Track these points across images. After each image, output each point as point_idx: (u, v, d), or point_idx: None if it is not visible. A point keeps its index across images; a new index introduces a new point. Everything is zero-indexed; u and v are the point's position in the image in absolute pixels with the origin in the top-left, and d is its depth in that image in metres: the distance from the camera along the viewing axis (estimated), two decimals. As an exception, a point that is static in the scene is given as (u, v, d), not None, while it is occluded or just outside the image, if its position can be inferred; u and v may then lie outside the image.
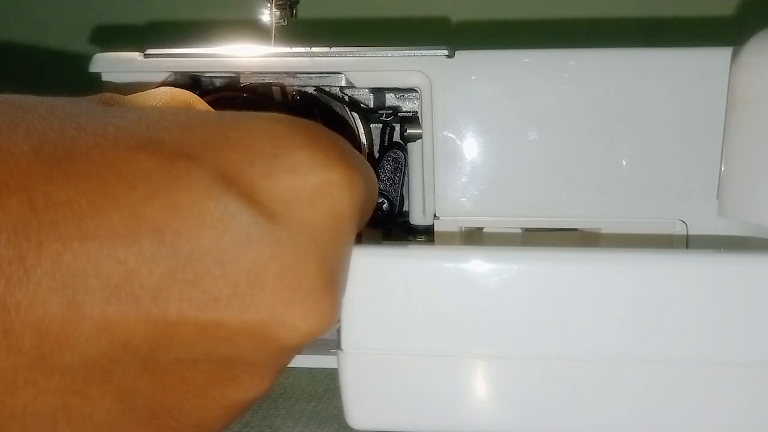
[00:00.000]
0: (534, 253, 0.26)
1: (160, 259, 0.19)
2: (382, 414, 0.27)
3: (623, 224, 0.35)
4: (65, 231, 0.18)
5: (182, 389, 0.21)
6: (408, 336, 0.26)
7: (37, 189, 0.18)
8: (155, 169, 0.19)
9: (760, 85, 0.31)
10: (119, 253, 0.18)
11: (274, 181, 0.20)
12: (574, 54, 0.34)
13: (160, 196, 0.19)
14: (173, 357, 0.20)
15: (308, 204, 0.21)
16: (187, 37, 0.37)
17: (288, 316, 0.20)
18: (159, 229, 0.19)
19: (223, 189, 0.19)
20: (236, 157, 0.20)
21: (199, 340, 0.20)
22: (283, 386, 0.35)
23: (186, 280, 0.19)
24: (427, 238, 0.37)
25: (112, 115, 0.21)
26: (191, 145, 0.20)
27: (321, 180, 0.21)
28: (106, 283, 0.18)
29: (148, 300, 0.19)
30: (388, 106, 0.37)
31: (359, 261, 0.26)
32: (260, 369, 0.21)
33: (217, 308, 0.19)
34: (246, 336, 0.20)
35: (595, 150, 0.34)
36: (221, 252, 0.19)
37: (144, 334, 0.19)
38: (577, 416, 0.26)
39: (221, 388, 0.21)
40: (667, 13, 0.58)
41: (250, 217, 0.20)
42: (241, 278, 0.19)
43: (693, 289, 0.25)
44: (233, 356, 0.20)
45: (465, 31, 0.60)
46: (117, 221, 0.18)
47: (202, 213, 0.19)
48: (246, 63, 0.35)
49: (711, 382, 0.25)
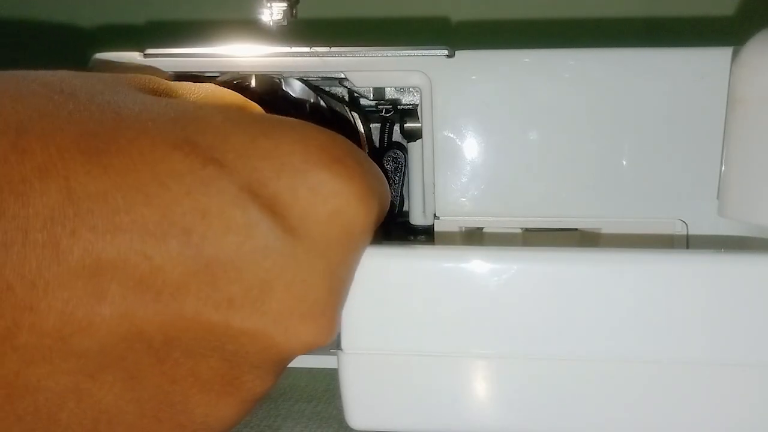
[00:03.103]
0: (534, 253, 0.26)
1: (185, 259, 0.20)
2: (382, 414, 0.27)
3: (623, 224, 0.34)
4: (98, 222, 0.19)
5: (189, 383, 0.21)
6: (408, 336, 0.26)
7: (77, 179, 0.19)
8: (188, 171, 0.20)
9: (760, 85, 0.31)
10: (147, 249, 0.19)
11: (297, 197, 0.21)
12: (575, 54, 0.34)
13: (191, 198, 0.20)
14: (184, 350, 0.21)
15: (325, 223, 0.22)
16: (187, 37, 0.37)
17: (291, 324, 0.21)
18: (186, 232, 0.20)
19: (249, 198, 0.21)
20: (265, 168, 0.21)
21: (209, 336, 0.21)
22: (283, 386, 0.35)
23: (205, 281, 0.20)
24: (427, 238, 0.37)
25: (151, 108, 0.22)
26: (224, 150, 0.21)
27: (340, 202, 0.22)
28: (132, 276, 0.19)
29: (167, 295, 0.20)
30: (388, 99, 0.37)
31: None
32: (262, 371, 0.22)
33: (230, 309, 0.20)
34: (252, 338, 0.21)
35: (595, 150, 0.34)
36: (240, 258, 0.20)
37: (160, 326, 0.20)
38: (577, 416, 0.26)
39: (225, 385, 0.22)
40: (667, 13, 0.58)
41: (271, 229, 0.21)
42: (255, 284, 0.21)
43: (693, 289, 0.25)
44: (239, 355, 0.21)
45: (465, 31, 0.60)
46: (148, 218, 0.19)
47: (228, 220, 0.20)
48: (246, 63, 0.35)
49: (711, 383, 0.25)
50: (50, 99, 0.20)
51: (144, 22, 0.64)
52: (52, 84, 0.21)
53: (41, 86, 0.21)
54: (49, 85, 0.21)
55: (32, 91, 0.20)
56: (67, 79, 0.22)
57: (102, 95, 0.22)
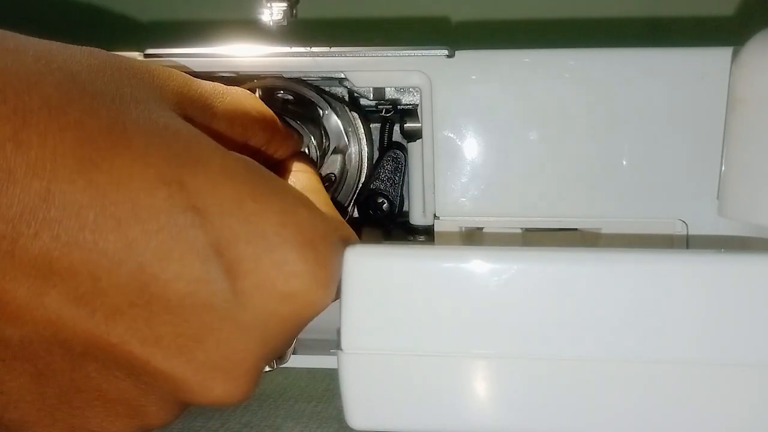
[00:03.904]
0: (534, 253, 0.26)
1: (129, 290, 0.20)
2: (382, 414, 0.27)
3: (623, 224, 0.34)
4: (62, 232, 0.19)
5: (93, 395, 0.22)
6: (408, 336, 0.26)
7: (59, 186, 0.19)
8: (166, 211, 0.20)
9: (760, 85, 0.31)
10: (98, 271, 0.20)
11: (259, 266, 0.22)
12: (575, 54, 0.34)
13: (158, 238, 0.20)
14: (99, 367, 0.21)
15: (278, 300, 0.22)
16: (187, 37, 0.37)
17: (210, 378, 0.22)
18: (141, 268, 0.20)
19: (212, 255, 0.21)
20: (239, 230, 0.22)
21: (127, 366, 0.21)
22: (283, 386, 0.35)
23: (141, 315, 0.21)
24: (427, 238, 0.37)
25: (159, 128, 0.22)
26: (208, 202, 0.21)
27: (300, 285, 0.22)
28: (74, 290, 0.20)
29: (101, 316, 0.20)
30: (388, 99, 0.37)
31: (359, 261, 0.26)
32: (168, 406, 0.23)
33: (156, 347, 0.21)
34: (168, 379, 0.22)
35: (596, 150, 0.34)
36: (182, 307, 0.21)
37: (84, 340, 0.21)
38: (577, 416, 0.26)
39: (126, 408, 0.23)
40: (667, 13, 0.58)
41: (222, 290, 0.21)
42: (187, 333, 0.21)
43: (693, 289, 0.25)
44: (151, 387, 0.22)
45: (465, 31, 0.60)
46: (110, 244, 0.20)
47: (183, 270, 0.21)
48: (246, 63, 0.35)
49: (711, 383, 0.25)
50: (67, 92, 0.20)
51: (144, 22, 0.64)
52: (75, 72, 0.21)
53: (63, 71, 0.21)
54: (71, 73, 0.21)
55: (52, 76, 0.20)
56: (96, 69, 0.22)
57: (122, 101, 0.22)
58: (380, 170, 0.37)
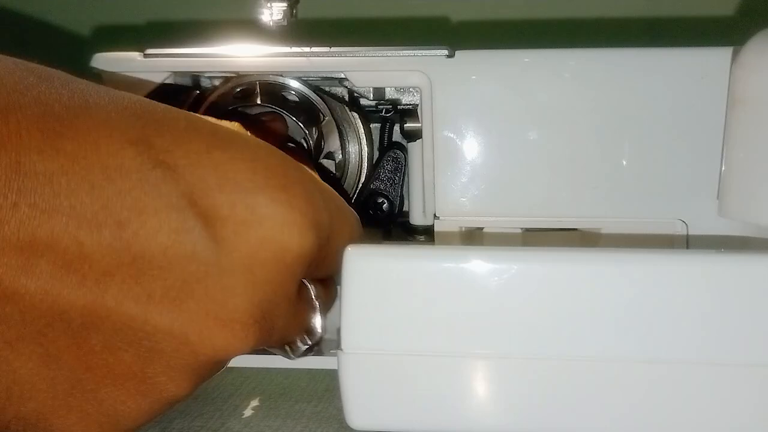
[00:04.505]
0: (534, 253, 0.26)
1: (113, 251, 0.21)
2: (382, 414, 0.27)
3: (623, 224, 0.34)
4: (39, 201, 0.20)
5: (102, 372, 0.22)
6: (408, 336, 0.26)
7: (28, 156, 0.20)
8: (136, 169, 0.21)
9: (760, 85, 0.31)
10: (80, 235, 0.20)
11: (234, 213, 0.23)
12: (575, 54, 0.34)
13: (132, 195, 0.21)
14: (101, 339, 0.22)
15: (257, 241, 0.23)
16: (187, 37, 0.37)
17: (206, 326, 0.22)
18: (121, 225, 0.21)
19: (188, 205, 0.22)
20: (210, 179, 0.22)
21: (126, 329, 0.22)
22: (283, 386, 0.35)
23: (129, 273, 0.21)
24: (427, 238, 0.37)
25: (120, 101, 0.23)
26: (177, 155, 0.22)
27: (274, 228, 0.23)
28: (61, 257, 0.20)
29: (92, 281, 0.21)
30: (388, 99, 0.37)
31: (359, 261, 0.26)
32: (176, 373, 0.23)
33: (149, 303, 0.21)
34: (166, 335, 0.22)
35: (595, 150, 0.34)
36: (167, 259, 0.21)
37: (81, 309, 0.21)
38: (577, 416, 0.26)
39: (138, 383, 0.23)
40: (667, 13, 0.58)
41: (201, 237, 0.22)
42: (176, 285, 0.22)
43: (693, 289, 0.25)
44: (153, 352, 0.22)
45: (465, 31, 0.60)
46: (87, 206, 0.20)
47: (162, 222, 0.21)
48: (246, 63, 0.35)
49: (711, 383, 0.25)
50: (23, 79, 0.21)
51: (144, 22, 0.64)
52: (30, 68, 0.22)
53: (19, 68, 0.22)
54: (27, 69, 0.22)
55: (8, 69, 0.21)
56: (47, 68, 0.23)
57: (77, 83, 0.22)
58: (380, 170, 0.37)
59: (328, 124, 0.36)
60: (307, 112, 0.36)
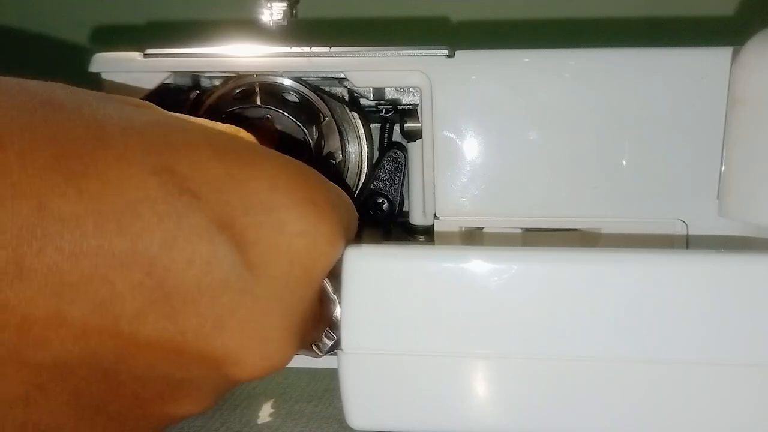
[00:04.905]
0: (534, 253, 0.26)
1: (145, 289, 0.20)
2: (382, 414, 0.27)
3: (623, 224, 0.34)
4: (66, 245, 0.19)
5: (130, 401, 0.22)
6: (408, 336, 0.26)
7: (51, 200, 0.19)
8: (162, 200, 0.20)
9: (760, 85, 0.31)
10: (111, 275, 0.19)
11: (263, 235, 0.22)
12: (575, 54, 0.34)
13: (161, 228, 0.20)
14: (132, 374, 0.21)
15: (287, 262, 0.22)
16: (187, 37, 0.37)
17: (242, 357, 0.22)
18: (151, 262, 0.20)
19: (217, 232, 0.21)
20: (235, 203, 0.22)
21: (159, 364, 0.21)
22: (283, 386, 0.35)
23: (163, 312, 0.20)
24: (427, 238, 0.37)
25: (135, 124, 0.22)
26: (200, 182, 0.21)
27: (305, 243, 0.23)
28: (93, 299, 0.19)
29: (125, 322, 0.20)
30: (388, 99, 0.37)
31: (359, 261, 0.26)
32: (204, 394, 0.23)
33: (184, 341, 0.21)
34: (201, 367, 0.22)
35: (595, 150, 0.34)
36: (200, 292, 0.21)
37: (113, 349, 0.20)
38: (577, 416, 0.26)
39: (163, 403, 0.23)
40: (667, 13, 0.58)
41: (232, 264, 0.21)
42: (209, 318, 0.21)
43: (693, 289, 0.25)
44: (185, 381, 0.22)
45: (465, 31, 0.60)
46: (116, 246, 0.19)
47: (193, 253, 0.21)
48: (246, 63, 0.35)
49: (711, 382, 0.25)
50: (33, 112, 0.20)
51: (144, 22, 0.64)
52: (37, 95, 0.21)
53: (26, 98, 0.21)
54: (34, 97, 0.21)
55: (15, 103, 0.20)
56: (56, 91, 0.22)
57: (89, 106, 0.22)
58: (380, 170, 0.37)
59: (329, 124, 0.36)
60: (307, 113, 0.36)
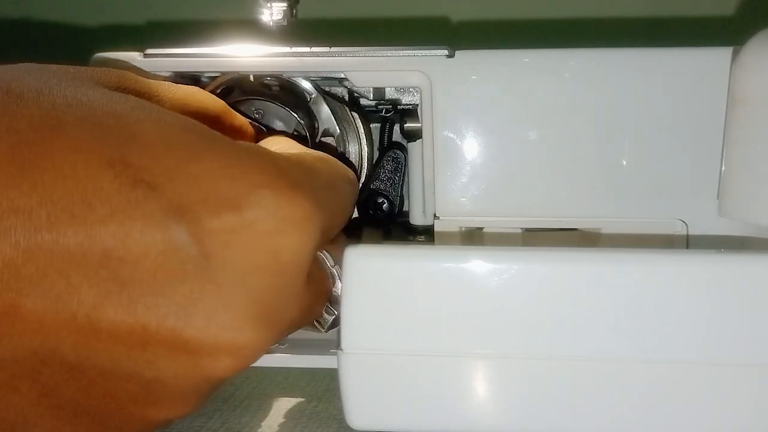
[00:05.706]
0: (534, 253, 0.26)
1: (101, 280, 0.20)
2: (382, 414, 0.27)
3: (623, 224, 0.34)
4: (20, 239, 0.19)
5: (105, 401, 0.22)
6: (408, 336, 0.26)
7: (4, 193, 0.19)
8: (116, 192, 0.20)
9: (760, 85, 0.31)
10: (65, 268, 0.19)
11: (221, 222, 0.21)
12: (575, 54, 0.34)
13: (115, 219, 0.20)
14: (99, 371, 0.21)
15: (251, 248, 0.21)
16: (187, 37, 0.37)
17: (209, 350, 0.21)
18: (106, 254, 0.20)
19: (173, 223, 0.20)
20: (192, 193, 0.21)
21: (124, 360, 0.21)
22: (283, 386, 0.35)
23: (120, 304, 0.20)
24: (427, 238, 0.37)
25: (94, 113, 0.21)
26: (155, 173, 0.21)
27: (268, 227, 0.22)
28: (48, 293, 0.19)
29: (82, 315, 0.20)
30: (388, 99, 0.37)
31: (359, 261, 0.26)
32: (182, 396, 0.22)
33: (145, 333, 0.20)
34: (168, 363, 0.21)
35: (595, 150, 0.34)
36: (157, 283, 0.20)
37: (74, 344, 0.20)
38: (577, 416, 0.26)
39: (141, 407, 0.22)
40: (667, 13, 0.58)
41: (190, 254, 0.21)
42: (171, 308, 0.20)
43: (693, 289, 0.25)
44: (157, 380, 0.21)
45: (465, 31, 0.60)
46: (70, 239, 0.19)
47: (148, 243, 0.20)
48: (246, 63, 0.35)
49: (711, 383, 0.25)
50: None
51: (144, 22, 0.64)
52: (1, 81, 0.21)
53: None
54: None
55: None
56: (21, 77, 0.22)
57: (50, 93, 0.21)
58: (380, 170, 0.37)
59: (317, 100, 0.36)
60: (293, 95, 0.36)
